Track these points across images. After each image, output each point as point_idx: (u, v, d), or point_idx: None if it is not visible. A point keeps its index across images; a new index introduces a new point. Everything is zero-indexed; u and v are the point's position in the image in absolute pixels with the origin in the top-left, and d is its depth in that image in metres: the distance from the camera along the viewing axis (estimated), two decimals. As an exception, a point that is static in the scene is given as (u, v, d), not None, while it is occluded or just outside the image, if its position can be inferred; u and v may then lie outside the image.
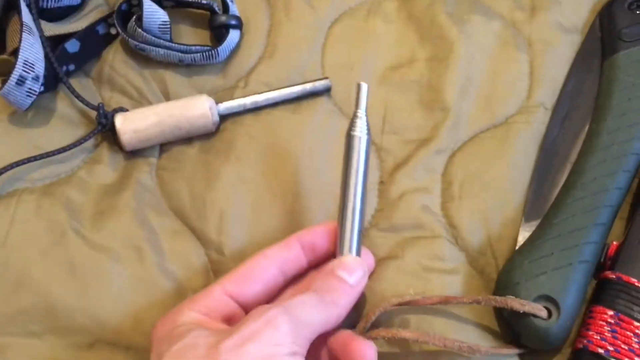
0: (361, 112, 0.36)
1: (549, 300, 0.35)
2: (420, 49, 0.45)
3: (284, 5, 0.47)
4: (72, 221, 0.38)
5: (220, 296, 0.33)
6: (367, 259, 0.36)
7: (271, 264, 0.34)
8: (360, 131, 0.36)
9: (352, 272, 0.34)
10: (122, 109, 0.41)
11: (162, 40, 0.43)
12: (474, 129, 0.43)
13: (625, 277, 0.35)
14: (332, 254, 0.36)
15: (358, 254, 0.35)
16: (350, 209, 0.35)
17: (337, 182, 0.41)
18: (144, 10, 0.42)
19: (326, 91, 0.44)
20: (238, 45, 0.45)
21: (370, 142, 0.36)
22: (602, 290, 0.36)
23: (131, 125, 0.40)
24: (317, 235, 0.35)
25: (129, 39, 0.43)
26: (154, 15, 0.42)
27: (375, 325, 0.35)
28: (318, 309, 0.31)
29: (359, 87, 0.36)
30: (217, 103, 0.42)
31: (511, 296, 0.35)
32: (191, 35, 0.46)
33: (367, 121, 0.36)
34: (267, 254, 0.34)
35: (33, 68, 0.39)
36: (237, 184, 0.41)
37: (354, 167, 0.35)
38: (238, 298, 0.33)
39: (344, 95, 0.44)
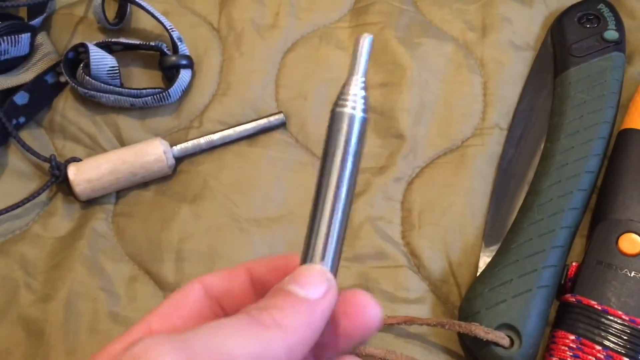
0: (357, 79, 0.24)
1: (510, 328, 0.35)
2: (373, 75, 0.45)
3: (235, 40, 0.46)
4: (27, 277, 0.38)
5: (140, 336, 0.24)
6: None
7: (204, 296, 0.26)
8: (352, 106, 0.24)
9: (308, 284, 0.23)
10: (75, 159, 0.41)
11: (111, 86, 0.42)
12: (430, 155, 0.43)
13: (585, 300, 0.35)
14: None
15: (331, 266, 0.24)
16: (329, 205, 0.24)
17: (297, 213, 0.41)
18: (91, 57, 0.42)
19: (281, 125, 0.44)
20: (190, 85, 0.45)
21: (366, 123, 0.24)
22: (563, 313, 0.36)
23: (84, 175, 0.40)
24: (271, 270, 0.26)
25: (78, 87, 0.42)
26: (102, 61, 0.42)
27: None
28: (245, 333, 0.21)
29: (357, 42, 0.24)
30: (171, 145, 0.42)
31: (476, 323, 0.35)
32: (143, 77, 0.45)
33: (365, 93, 0.24)
34: (203, 280, 0.26)
35: (-21, 126, 0.39)
36: (193, 222, 0.40)
37: (339, 151, 0.24)
38: None
39: (299, 126, 0.44)
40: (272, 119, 0.43)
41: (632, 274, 0.35)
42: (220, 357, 0.20)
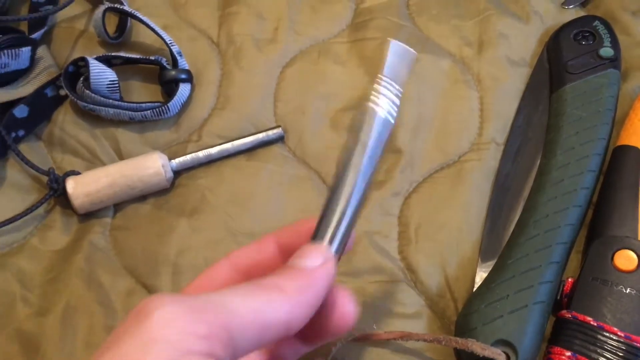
0: (386, 80, 0.27)
1: (506, 344, 0.35)
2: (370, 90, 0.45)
3: (234, 54, 0.47)
4: (23, 291, 0.38)
5: None
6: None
7: (232, 269, 0.28)
8: (381, 104, 0.26)
9: (306, 256, 0.26)
10: (73, 172, 0.41)
11: (111, 100, 0.43)
12: (427, 170, 0.43)
13: (580, 317, 0.35)
14: None
15: (337, 246, 0.27)
16: (345, 190, 0.26)
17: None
18: (91, 71, 0.42)
19: (279, 139, 0.44)
20: (190, 98, 0.45)
21: (392, 127, 0.27)
22: (559, 329, 0.36)
23: (83, 189, 0.40)
24: (298, 234, 0.28)
25: (78, 101, 0.43)
26: (102, 75, 0.42)
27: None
28: (247, 293, 0.23)
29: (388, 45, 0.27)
30: (170, 159, 0.42)
31: (472, 339, 0.35)
32: (142, 91, 0.45)
33: (397, 96, 0.27)
34: (230, 256, 0.28)
35: (-22, 139, 0.39)
36: (190, 236, 0.40)
37: (361, 147, 0.26)
38: None
39: (297, 140, 0.44)
40: (270, 133, 0.44)
41: (628, 290, 0.35)
42: (221, 310, 0.22)
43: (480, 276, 0.39)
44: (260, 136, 0.44)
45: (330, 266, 0.26)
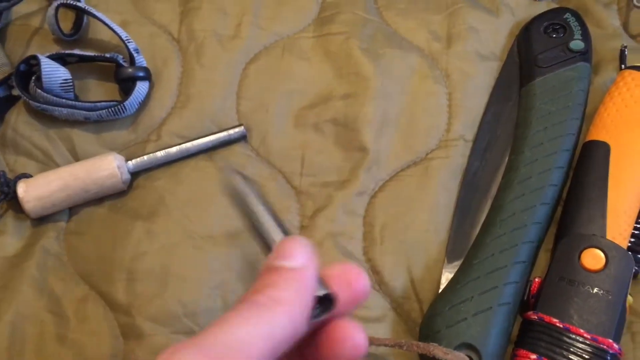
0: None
1: (470, 348, 0.34)
2: (336, 86, 0.44)
3: (195, 50, 0.45)
4: (-28, 300, 0.37)
5: None
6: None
7: None
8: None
9: (290, 254, 0.25)
10: (25, 175, 0.40)
11: (65, 100, 0.41)
12: (394, 168, 0.42)
13: (547, 318, 0.34)
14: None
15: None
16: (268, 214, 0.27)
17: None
18: (43, 69, 0.40)
19: (242, 138, 0.42)
20: (148, 97, 0.43)
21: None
22: (525, 331, 0.35)
23: (34, 192, 0.39)
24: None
25: (30, 101, 0.41)
26: (54, 73, 0.41)
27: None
28: (254, 319, 0.23)
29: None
30: (128, 160, 0.41)
31: (435, 343, 0.34)
32: (98, 90, 0.44)
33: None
34: None
35: None
36: (146, 240, 0.39)
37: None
38: None
39: (261, 139, 0.43)
40: (232, 132, 0.42)
41: (595, 290, 0.34)
42: (234, 349, 0.22)
43: (446, 277, 0.38)
44: (222, 135, 0.42)
45: (313, 258, 0.25)
